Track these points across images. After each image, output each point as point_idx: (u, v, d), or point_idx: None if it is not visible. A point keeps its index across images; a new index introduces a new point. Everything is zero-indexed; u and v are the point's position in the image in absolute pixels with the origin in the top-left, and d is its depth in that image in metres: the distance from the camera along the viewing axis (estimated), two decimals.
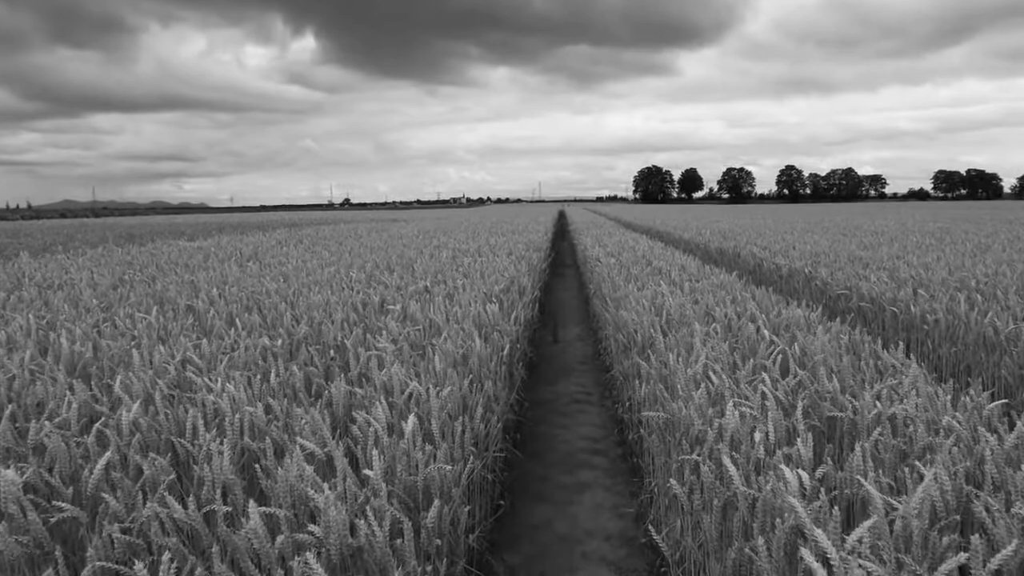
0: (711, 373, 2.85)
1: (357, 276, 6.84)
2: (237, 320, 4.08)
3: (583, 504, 3.88)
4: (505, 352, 4.07)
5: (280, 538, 1.74)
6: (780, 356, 3.07)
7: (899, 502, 1.74)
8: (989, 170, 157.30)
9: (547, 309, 10.29)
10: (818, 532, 1.35)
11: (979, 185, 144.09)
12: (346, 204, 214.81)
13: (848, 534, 1.79)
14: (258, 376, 3.11)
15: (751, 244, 10.91)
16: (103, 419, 2.40)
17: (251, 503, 1.71)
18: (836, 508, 1.52)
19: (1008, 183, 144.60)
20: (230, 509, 1.87)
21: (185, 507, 1.83)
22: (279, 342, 3.50)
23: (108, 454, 1.97)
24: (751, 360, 3.05)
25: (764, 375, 2.75)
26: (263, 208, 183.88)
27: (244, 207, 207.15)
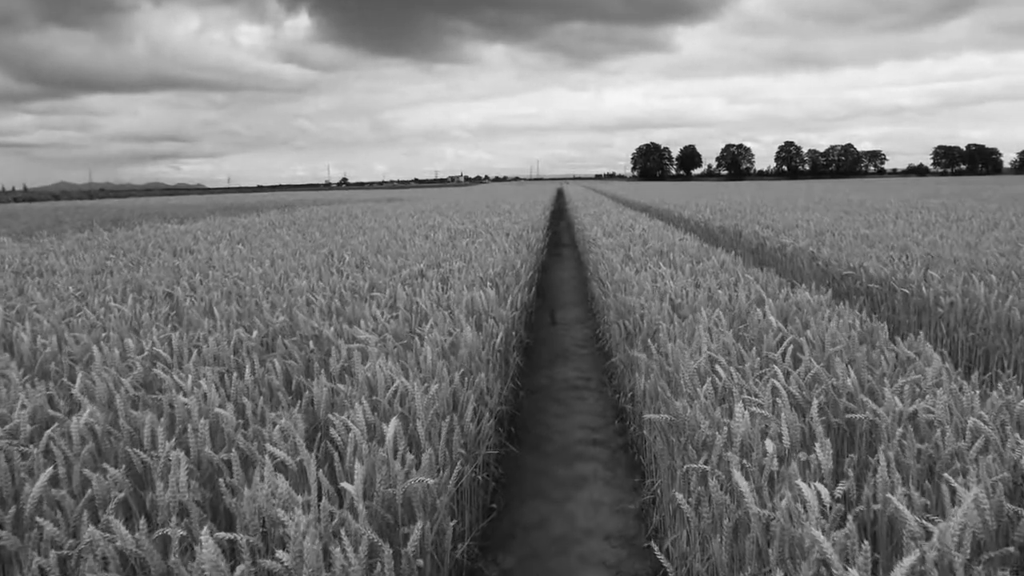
0: (717, 367, 2.65)
1: (350, 259, 6.63)
2: (216, 309, 3.86)
3: (581, 500, 3.70)
4: (499, 340, 3.87)
5: (240, 569, 1.55)
6: (791, 346, 2.86)
7: (934, 520, 1.55)
8: (989, 145, 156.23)
9: (545, 290, 10.09)
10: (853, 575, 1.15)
11: (979, 160, 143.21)
12: (344, 184, 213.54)
13: (877, 561, 1.60)
14: (234, 372, 2.91)
15: (753, 223, 10.67)
16: (56, 425, 2.20)
17: (204, 529, 1.51)
18: (865, 541, 1.32)
19: (1008, 158, 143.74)
20: (184, 533, 1.67)
21: (135, 530, 1.63)
22: (254, 333, 3.29)
23: (50, 469, 1.77)
24: (756, 348, 2.83)
25: (775, 368, 2.55)
26: (260, 188, 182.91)
27: (241, 187, 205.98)
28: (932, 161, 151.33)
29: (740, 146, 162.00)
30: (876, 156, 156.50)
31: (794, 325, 3.26)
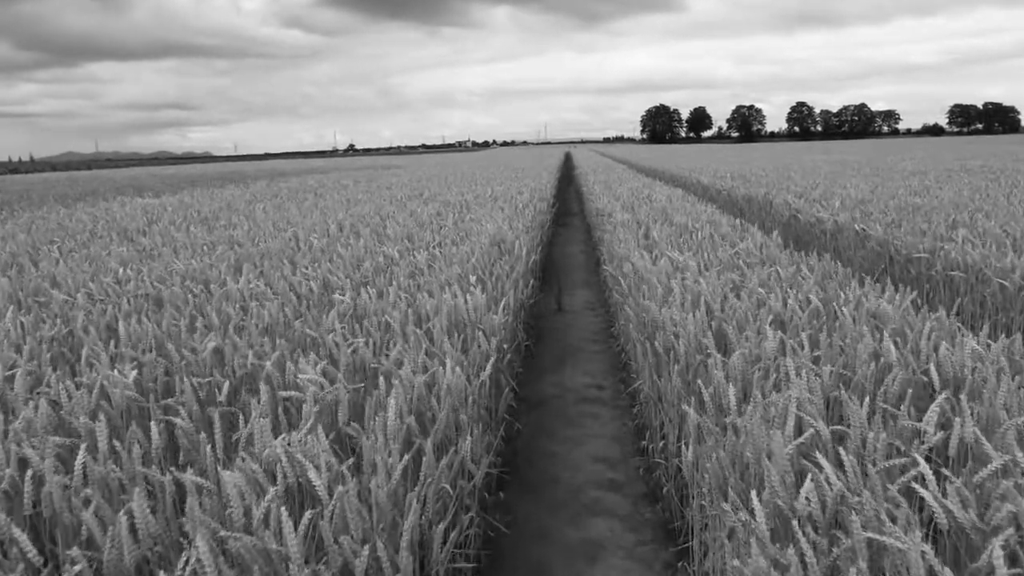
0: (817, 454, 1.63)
1: (317, 244, 5.62)
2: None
3: None
4: (487, 382, 2.84)
5: None
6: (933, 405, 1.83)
7: None
8: (1007, 103, 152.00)
9: (550, 267, 9.06)
10: None
11: (996, 119, 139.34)
12: (351, 150, 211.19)
13: None
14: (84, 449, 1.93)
15: (784, 191, 9.52)
16: None
17: None
18: None
19: None
20: None
21: None
22: (131, 376, 2.27)
23: None
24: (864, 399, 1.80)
25: (919, 461, 1.52)
26: (267, 156, 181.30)
27: (247, 155, 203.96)
28: (948, 120, 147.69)
29: (751, 107, 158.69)
30: (890, 116, 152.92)
31: (919, 357, 2.22)
